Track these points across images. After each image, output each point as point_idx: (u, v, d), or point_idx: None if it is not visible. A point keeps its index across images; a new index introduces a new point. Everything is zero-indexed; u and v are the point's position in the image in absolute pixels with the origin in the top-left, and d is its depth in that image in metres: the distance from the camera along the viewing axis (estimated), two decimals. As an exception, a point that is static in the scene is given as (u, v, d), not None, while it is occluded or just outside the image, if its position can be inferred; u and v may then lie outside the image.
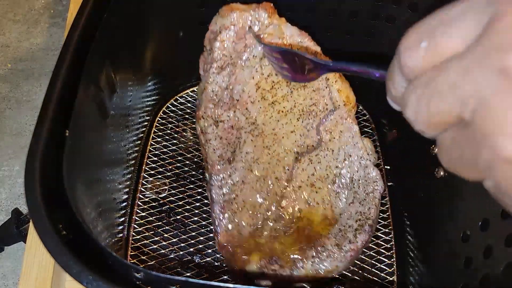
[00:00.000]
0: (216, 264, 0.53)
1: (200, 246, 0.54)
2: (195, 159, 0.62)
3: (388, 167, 0.62)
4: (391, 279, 0.53)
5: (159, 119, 0.66)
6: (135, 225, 0.55)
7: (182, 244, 0.54)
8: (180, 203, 0.58)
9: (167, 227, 0.55)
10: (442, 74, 0.19)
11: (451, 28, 0.19)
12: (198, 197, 0.58)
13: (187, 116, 0.66)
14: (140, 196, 0.58)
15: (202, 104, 0.52)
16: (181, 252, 0.54)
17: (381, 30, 0.60)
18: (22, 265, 0.47)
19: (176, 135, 0.64)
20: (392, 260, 0.54)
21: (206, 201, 0.58)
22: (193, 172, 0.60)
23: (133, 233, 0.55)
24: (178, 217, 0.56)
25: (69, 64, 0.40)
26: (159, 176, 0.60)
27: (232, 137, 0.53)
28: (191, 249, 0.54)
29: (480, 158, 0.18)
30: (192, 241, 0.54)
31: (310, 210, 0.53)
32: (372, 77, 0.29)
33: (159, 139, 0.63)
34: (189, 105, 0.68)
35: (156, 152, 0.62)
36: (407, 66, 0.20)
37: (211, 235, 0.55)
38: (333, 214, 0.52)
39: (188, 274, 0.52)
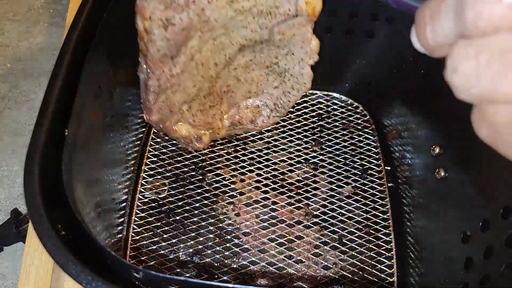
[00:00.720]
0: (216, 264, 0.53)
1: (200, 246, 0.54)
2: (195, 160, 0.61)
3: (389, 168, 0.62)
4: (391, 280, 0.53)
5: (159, 119, 0.66)
6: (134, 226, 0.55)
7: (182, 245, 0.54)
8: (180, 203, 0.57)
9: (166, 228, 0.55)
10: None
11: None
12: (198, 197, 0.58)
13: (186, 116, 0.66)
14: (140, 196, 0.58)
15: (150, 4, 0.43)
16: (180, 253, 0.53)
17: (381, 30, 0.60)
18: (21, 265, 0.47)
19: (175, 135, 0.64)
20: (392, 261, 0.54)
21: (206, 201, 0.57)
22: (193, 173, 0.60)
23: (133, 234, 0.55)
24: (177, 217, 0.56)
25: (69, 64, 0.40)
26: (159, 177, 0.60)
27: (180, 38, 0.47)
28: (191, 250, 0.54)
29: None
30: (192, 242, 0.54)
31: (237, 85, 0.56)
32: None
33: (158, 140, 0.63)
34: (188, 105, 0.68)
35: (156, 152, 0.62)
36: (479, 18, 0.15)
37: (211, 235, 0.55)
38: (256, 90, 0.57)
39: (187, 275, 0.52)
